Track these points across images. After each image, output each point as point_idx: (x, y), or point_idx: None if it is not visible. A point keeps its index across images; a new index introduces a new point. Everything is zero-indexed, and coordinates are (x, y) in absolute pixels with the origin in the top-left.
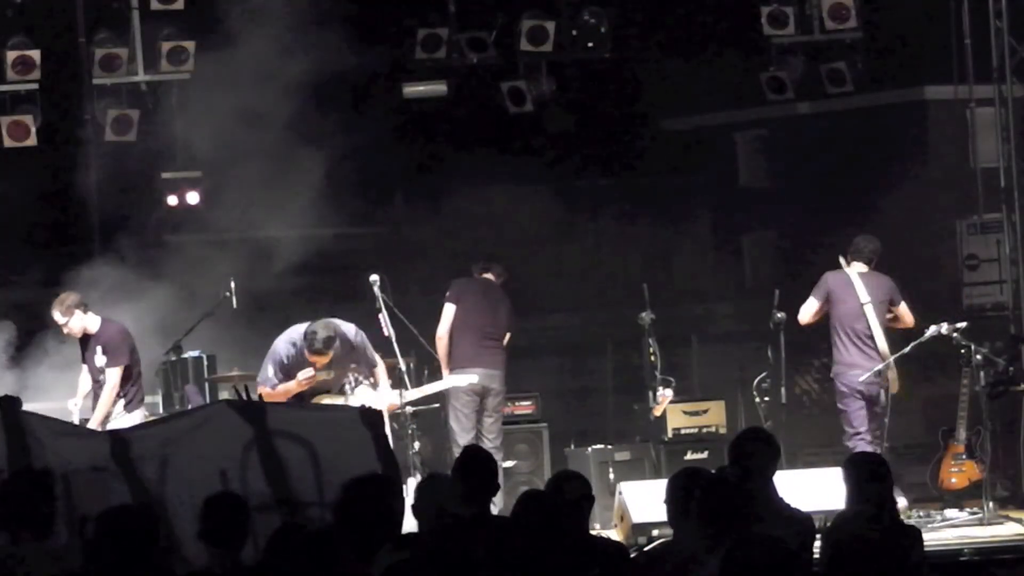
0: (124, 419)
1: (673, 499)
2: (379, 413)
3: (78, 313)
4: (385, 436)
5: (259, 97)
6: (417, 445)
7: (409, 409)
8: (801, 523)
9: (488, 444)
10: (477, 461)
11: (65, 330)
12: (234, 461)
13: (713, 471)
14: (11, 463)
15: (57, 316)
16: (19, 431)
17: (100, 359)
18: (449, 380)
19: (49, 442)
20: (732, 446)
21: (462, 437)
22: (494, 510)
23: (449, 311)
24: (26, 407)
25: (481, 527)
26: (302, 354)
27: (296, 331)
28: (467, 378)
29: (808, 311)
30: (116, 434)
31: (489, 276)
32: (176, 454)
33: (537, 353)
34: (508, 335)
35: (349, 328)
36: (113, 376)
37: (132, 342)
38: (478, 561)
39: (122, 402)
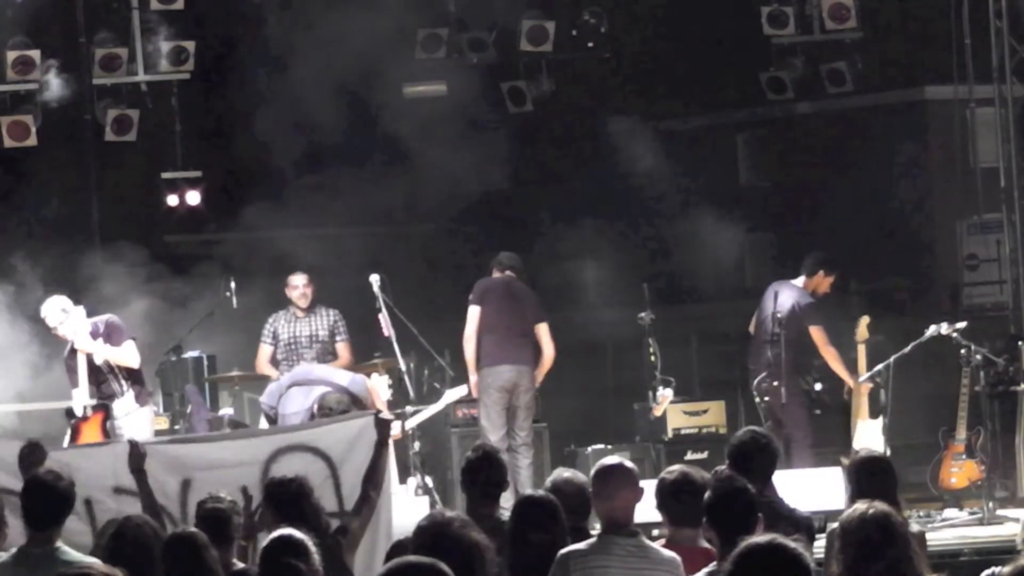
0: (137, 414)
1: (667, 503)
2: (388, 423)
3: (72, 312)
4: (383, 445)
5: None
6: (417, 445)
7: (409, 409)
8: (801, 524)
9: (519, 441)
10: (485, 461)
11: (60, 331)
12: (254, 477)
13: (715, 471)
14: None
15: (52, 318)
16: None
17: (104, 349)
18: (446, 397)
19: (72, 469)
20: (731, 448)
21: (493, 434)
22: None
23: (473, 312)
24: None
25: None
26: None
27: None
28: (459, 391)
29: None
30: (134, 442)
31: (510, 273)
32: (198, 475)
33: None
34: (543, 325)
35: (356, 381)
36: (133, 351)
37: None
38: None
39: (131, 393)
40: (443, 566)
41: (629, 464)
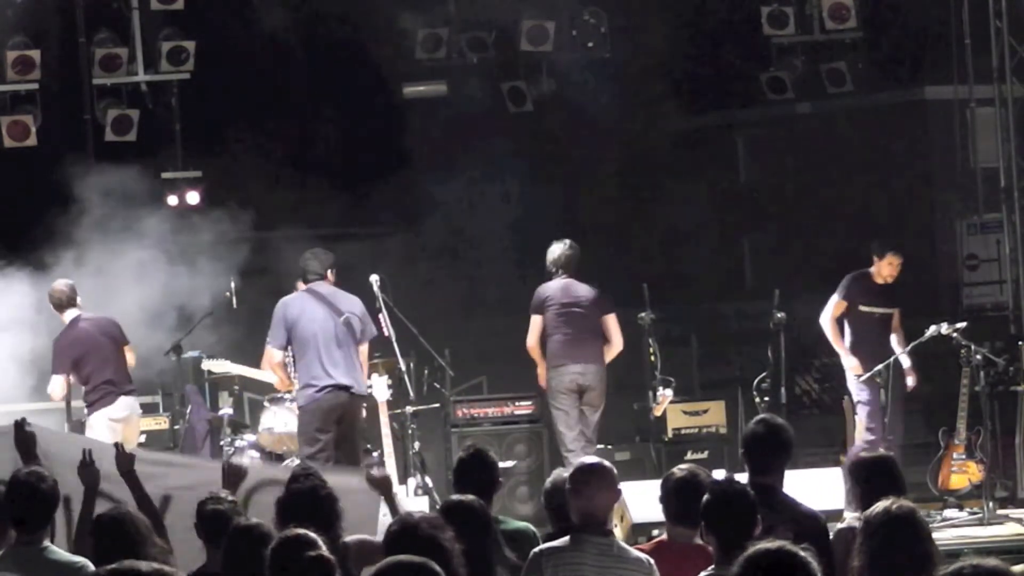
0: (88, 421)
1: (669, 500)
2: (383, 478)
3: (68, 311)
4: (388, 499)
5: None
6: (417, 445)
7: (409, 409)
8: (812, 522)
9: (586, 437)
10: (476, 461)
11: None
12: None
13: (722, 474)
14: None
15: (54, 296)
16: (31, 451)
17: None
18: (254, 372)
19: (59, 459)
20: (745, 440)
21: (568, 436)
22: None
23: (535, 322)
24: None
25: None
26: None
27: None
28: (264, 374)
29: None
30: (119, 444)
31: (565, 273)
32: (177, 493)
33: None
34: (608, 317)
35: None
36: (52, 383)
37: (76, 351)
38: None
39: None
40: (434, 565)
41: (607, 464)
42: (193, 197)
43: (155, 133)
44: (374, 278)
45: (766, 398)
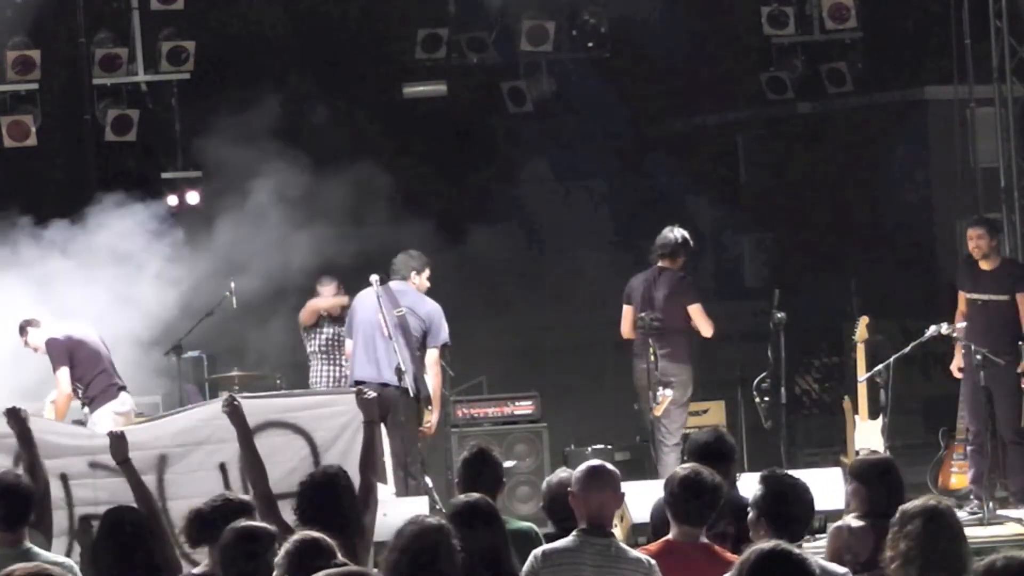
0: (92, 418)
1: (674, 499)
2: (373, 401)
3: (30, 331)
4: (373, 424)
5: None
6: (418, 444)
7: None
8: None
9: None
10: (480, 460)
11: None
12: (233, 454)
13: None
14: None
15: (32, 328)
16: (29, 438)
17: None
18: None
19: (52, 444)
20: (696, 447)
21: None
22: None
23: (626, 312)
24: None
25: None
26: None
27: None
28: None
29: None
30: (114, 433)
31: (664, 263)
32: (175, 449)
33: (537, 353)
34: (692, 308)
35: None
36: (60, 378)
37: (71, 344)
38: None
39: (77, 403)
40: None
41: (611, 467)
42: (193, 197)
43: (155, 133)
44: (374, 278)
45: (766, 398)
